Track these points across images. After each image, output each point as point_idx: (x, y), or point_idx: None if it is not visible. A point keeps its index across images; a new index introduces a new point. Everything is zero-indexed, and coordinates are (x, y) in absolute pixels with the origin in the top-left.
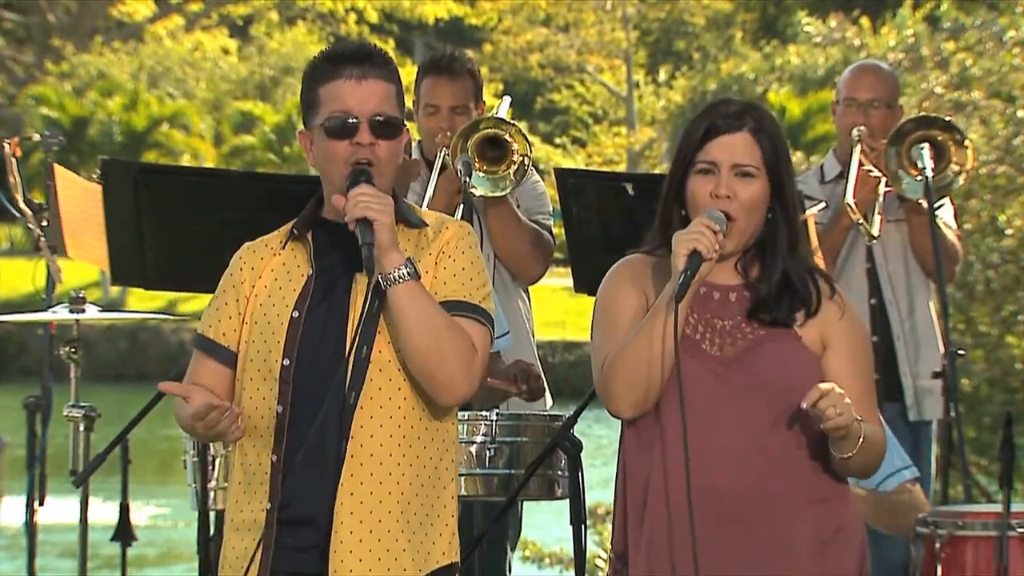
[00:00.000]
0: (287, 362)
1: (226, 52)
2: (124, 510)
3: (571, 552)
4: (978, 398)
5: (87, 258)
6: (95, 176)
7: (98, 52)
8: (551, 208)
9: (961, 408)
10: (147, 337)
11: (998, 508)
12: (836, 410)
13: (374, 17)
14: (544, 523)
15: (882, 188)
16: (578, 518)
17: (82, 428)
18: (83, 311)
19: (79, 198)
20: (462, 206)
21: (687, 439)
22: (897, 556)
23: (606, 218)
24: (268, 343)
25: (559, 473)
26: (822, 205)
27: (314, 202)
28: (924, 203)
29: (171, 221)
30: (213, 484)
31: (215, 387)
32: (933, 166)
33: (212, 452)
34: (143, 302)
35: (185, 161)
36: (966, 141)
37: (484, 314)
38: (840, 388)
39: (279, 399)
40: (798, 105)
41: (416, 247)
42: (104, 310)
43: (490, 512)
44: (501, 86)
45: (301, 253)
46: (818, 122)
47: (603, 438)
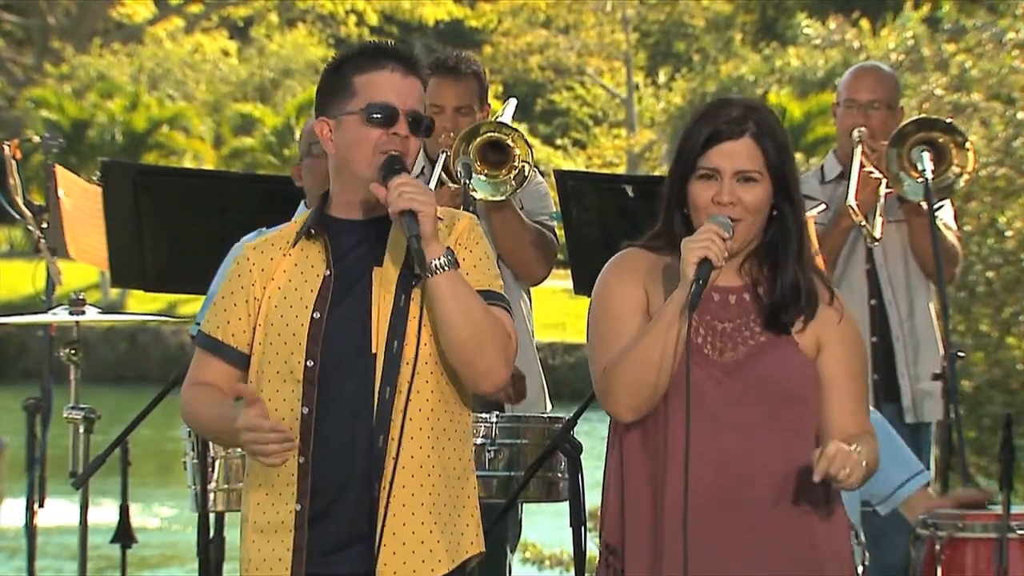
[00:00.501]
0: (311, 363)
1: (226, 54)
2: (124, 512)
3: (571, 554)
4: (978, 399)
5: (88, 259)
6: (95, 178)
7: (97, 54)
8: (554, 209)
9: (961, 410)
10: (147, 339)
11: (998, 510)
12: (847, 471)
13: (374, 19)
14: (544, 525)
15: (883, 190)
16: (578, 520)
17: (82, 430)
18: (83, 313)
19: (80, 199)
20: (463, 208)
21: (688, 441)
22: (897, 558)
23: (606, 220)
24: (288, 345)
25: (559, 475)
26: (822, 207)
27: (321, 201)
28: (924, 205)
29: (171, 223)
30: (213, 486)
31: (221, 386)
32: (933, 168)
33: (212, 454)
34: (143, 304)
35: (186, 163)
36: (967, 143)
37: (507, 302)
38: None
39: (304, 401)
40: (798, 107)
41: None
42: (104, 312)
43: (490, 514)
44: (501, 88)
45: (314, 253)
46: (818, 124)
47: (604, 440)
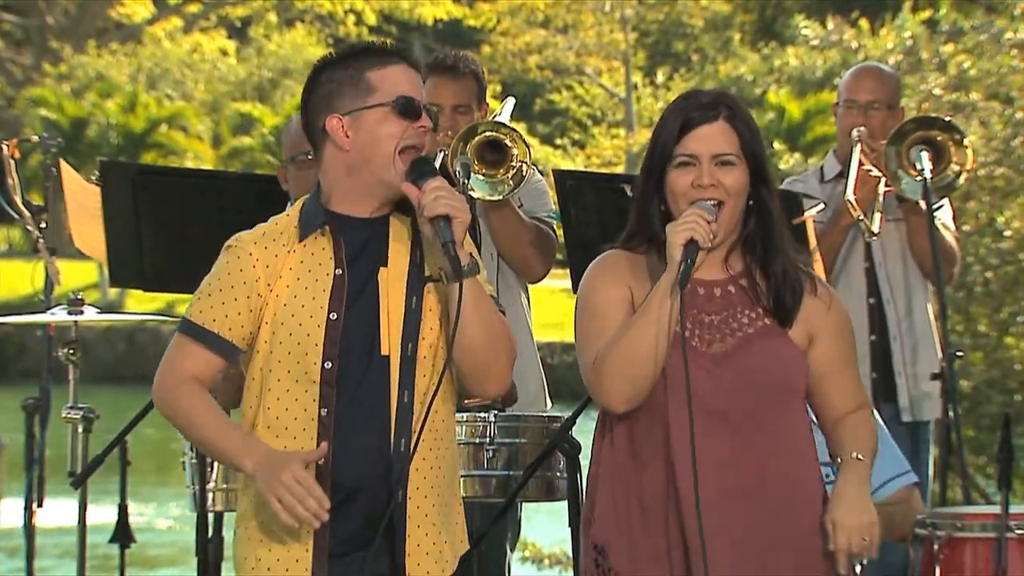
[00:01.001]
0: (328, 365)
1: (224, 54)
2: (123, 511)
3: (570, 553)
4: (977, 399)
5: (91, 250)
6: (94, 177)
7: (95, 54)
8: (553, 208)
9: (959, 409)
10: (145, 339)
11: (996, 509)
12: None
13: (373, 19)
14: (543, 524)
15: (882, 188)
16: (577, 519)
17: (81, 429)
18: (82, 313)
19: (81, 195)
20: None
21: (693, 430)
22: (897, 559)
23: (605, 219)
24: (303, 345)
25: (558, 475)
26: (821, 206)
27: (315, 195)
28: (923, 204)
29: (169, 222)
30: (212, 486)
31: (203, 374)
32: (932, 167)
33: None
34: (141, 304)
35: (185, 163)
36: (966, 141)
37: (501, 307)
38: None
39: (322, 402)
40: (797, 107)
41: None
42: (103, 312)
43: (489, 513)
44: (500, 88)
45: (320, 250)
46: (817, 124)
47: None
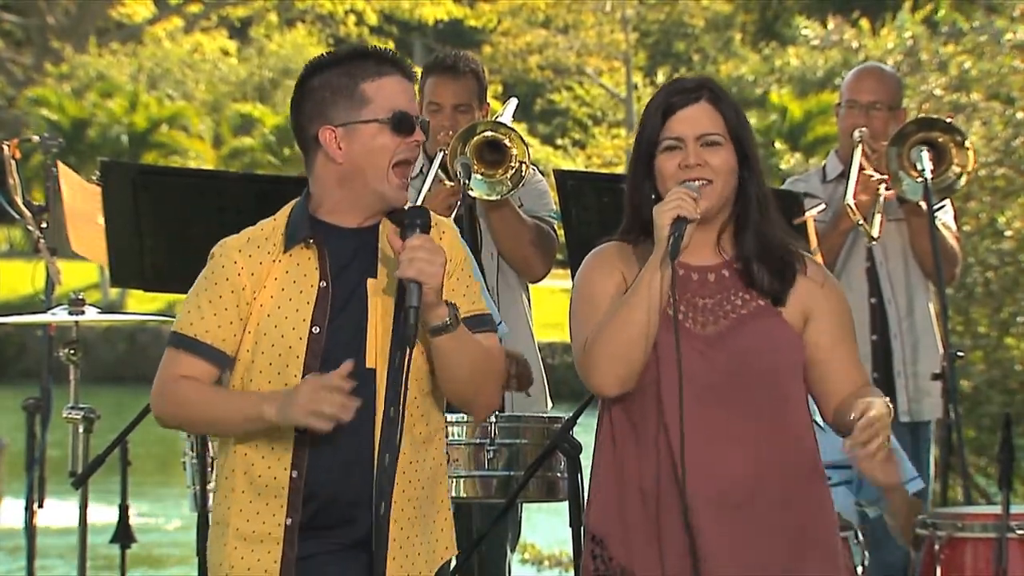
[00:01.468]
0: None
1: (225, 54)
2: (123, 512)
3: (571, 554)
4: (977, 399)
5: (90, 253)
6: (94, 178)
7: (96, 54)
8: (554, 207)
9: (960, 409)
10: (146, 339)
11: (997, 510)
12: (879, 441)
13: (373, 19)
14: (544, 525)
15: (883, 191)
16: (578, 520)
17: (81, 430)
18: (82, 313)
19: (81, 196)
20: (463, 207)
21: (683, 441)
22: (897, 558)
23: (605, 219)
24: (284, 357)
25: (558, 475)
26: (822, 206)
27: (304, 202)
28: (923, 205)
29: (170, 223)
30: (212, 486)
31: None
32: (933, 168)
33: (211, 454)
34: (142, 304)
35: (186, 163)
36: (967, 143)
37: (490, 320)
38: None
39: None
40: (798, 107)
41: None
42: (103, 312)
43: (489, 514)
44: (500, 88)
45: (306, 261)
46: (817, 124)
47: None
